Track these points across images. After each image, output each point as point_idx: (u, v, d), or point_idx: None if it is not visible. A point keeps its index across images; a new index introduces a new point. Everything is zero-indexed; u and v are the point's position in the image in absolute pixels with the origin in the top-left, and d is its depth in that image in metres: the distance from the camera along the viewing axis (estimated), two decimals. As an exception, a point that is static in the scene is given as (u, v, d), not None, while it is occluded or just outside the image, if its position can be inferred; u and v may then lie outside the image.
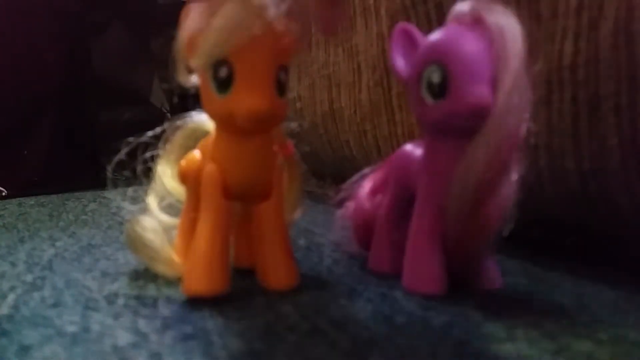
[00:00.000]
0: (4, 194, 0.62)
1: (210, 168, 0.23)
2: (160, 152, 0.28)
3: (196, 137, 0.27)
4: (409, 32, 0.25)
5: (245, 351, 0.18)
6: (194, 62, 0.22)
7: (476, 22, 0.22)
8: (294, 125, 0.28)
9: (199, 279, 0.23)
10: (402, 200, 0.27)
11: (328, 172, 0.56)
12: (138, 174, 0.28)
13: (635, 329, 0.20)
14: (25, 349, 0.18)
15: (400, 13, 0.39)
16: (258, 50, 0.21)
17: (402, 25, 0.25)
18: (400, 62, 0.25)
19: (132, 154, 0.27)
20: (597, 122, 0.26)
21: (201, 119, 0.28)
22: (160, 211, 0.29)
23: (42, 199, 0.58)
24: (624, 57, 0.25)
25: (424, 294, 0.24)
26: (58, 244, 0.35)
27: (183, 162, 0.26)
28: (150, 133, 0.27)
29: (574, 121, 0.27)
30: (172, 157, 0.28)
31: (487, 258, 0.25)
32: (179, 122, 0.28)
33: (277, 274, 0.25)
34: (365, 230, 0.30)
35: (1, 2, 0.67)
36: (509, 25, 0.22)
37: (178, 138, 0.28)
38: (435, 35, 0.23)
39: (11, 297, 0.24)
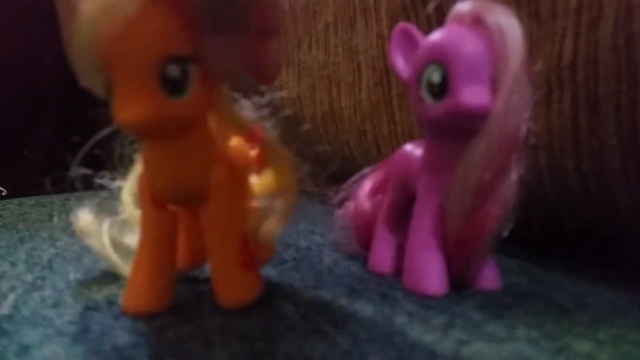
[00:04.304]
0: (4, 194, 0.62)
1: (140, 173, 0.22)
2: None
3: None
4: (409, 32, 0.25)
5: (245, 351, 0.18)
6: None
7: (476, 22, 0.22)
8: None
9: (135, 296, 0.22)
10: (402, 200, 0.27)
11: (328, 172, 0.56)
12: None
13: (635, 329, 0.20)
14: (25, 349, 0.18)
15: (400, 13, 0.39)
16: (131, 41, 0.17)
17: (402, 25, 0.25)
18: (400, 62, 0.25)
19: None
20: (597, 122, 0.26)
21: None
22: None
23: (42, 199, 0.58)
24: (623, 57, 0.25)
25: (424, 294, 0.24)
26: (58, 244, 0.35)
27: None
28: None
29: (574, 121, 0.27)
30: None
31: (487, 258, 0.25)
32: None
33: (222, 291, 0.22)
34: (365, 230, 0.30)
35: (1, 2, 0.67)
36: (509, 25, 0.22)
37: None
38: (435, 35, 0.23)
39: (11, 297, 0.24)
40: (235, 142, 0.23)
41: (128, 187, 0.26)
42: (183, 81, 0.18)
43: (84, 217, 0.25)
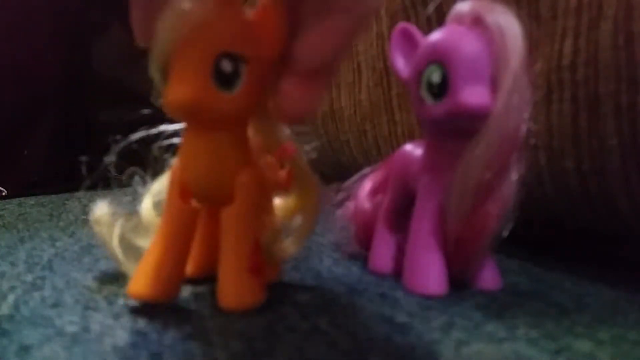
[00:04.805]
0: (4, 194, 0.62)
1: (174, 164, 0.23)
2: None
3: None
4: (409, 32, 0.25)
5: (245, 351, 0.18)
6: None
7: (476, 22, 0.22)
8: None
9: (141, 282, 0.22)
10: (402, 200, 0.27)
11: (328, 172, 0.56)
12: (136, 173, 0.27)
13: (635, 329, 0.20)
14: (25, 349, 0.18)
15: (400, 13, 0.39)
16: (191, 35, 0.19)
17: (402, 25, 0.25)
18: (400, 62, 0.25)
19: (133, 154, 0.27)
20: (597, 122, 0.26)
21: None
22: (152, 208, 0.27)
23: (42, 199, 0.58)
24: (623, 57, 0.25)
25: (424, 294, 0.24)
26: (58, 244, 0.35)
27: None
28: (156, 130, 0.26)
29: (574, 121, 0.27)
30: None
31: (487, 258, 0.25)
32: None
33: (225, 292, 0.22)
34: (365, 230, 0.30)
35: (1, 2, 0.67)
36: (509, 25, 0.22)
37: None
38: (435, 35, 0.23)
39: (11, 297, 0.24)
40: (267, 159, 0.24)
41: (153, 190, 0.27)
42: (233, 77, 0.20)
43: (102, 207, 0.26)
